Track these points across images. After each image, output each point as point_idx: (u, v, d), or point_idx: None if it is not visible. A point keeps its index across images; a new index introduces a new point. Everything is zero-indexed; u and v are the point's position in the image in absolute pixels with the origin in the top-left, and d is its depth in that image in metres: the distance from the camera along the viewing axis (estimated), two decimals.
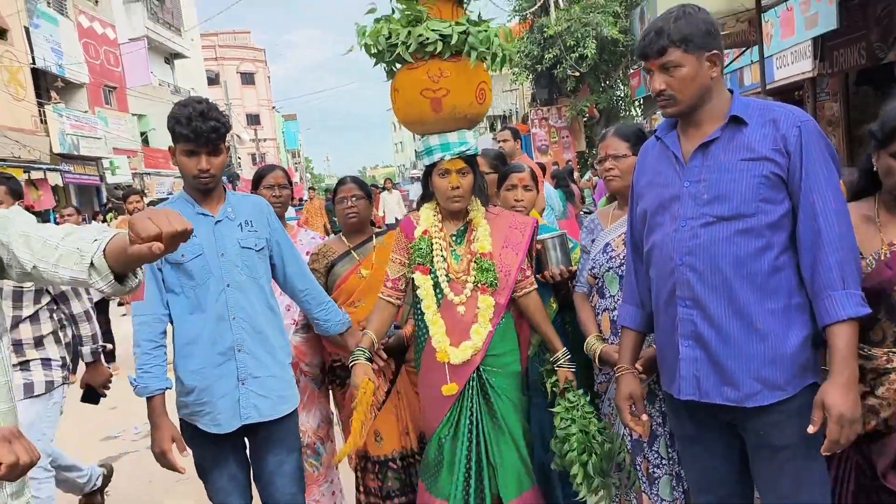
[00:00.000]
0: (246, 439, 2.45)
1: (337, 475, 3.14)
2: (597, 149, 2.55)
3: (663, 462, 2.28)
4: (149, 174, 24.69)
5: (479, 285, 2.37)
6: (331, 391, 3.11)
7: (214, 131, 2.20)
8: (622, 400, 2.03)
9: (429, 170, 2.44)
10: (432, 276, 2.42)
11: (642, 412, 2.03)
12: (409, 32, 2.28)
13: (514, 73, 17.02)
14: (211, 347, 2.27)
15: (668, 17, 1.78)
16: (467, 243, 2.45)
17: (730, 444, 1.89)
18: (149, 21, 26.10)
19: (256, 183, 3.17)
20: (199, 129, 2.18)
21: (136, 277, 1.47)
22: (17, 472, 1.30)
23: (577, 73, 14.53)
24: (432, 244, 2.43)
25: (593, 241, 2.48)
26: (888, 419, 1.78)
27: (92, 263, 1.40)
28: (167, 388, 2.27)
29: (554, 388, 2.45)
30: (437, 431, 2.42)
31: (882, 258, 1.81)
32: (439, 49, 2.27)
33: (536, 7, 15.33)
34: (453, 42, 2.26)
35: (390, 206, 15.08)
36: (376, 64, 2.45)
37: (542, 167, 11.49)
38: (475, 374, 2.40)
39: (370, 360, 2.37)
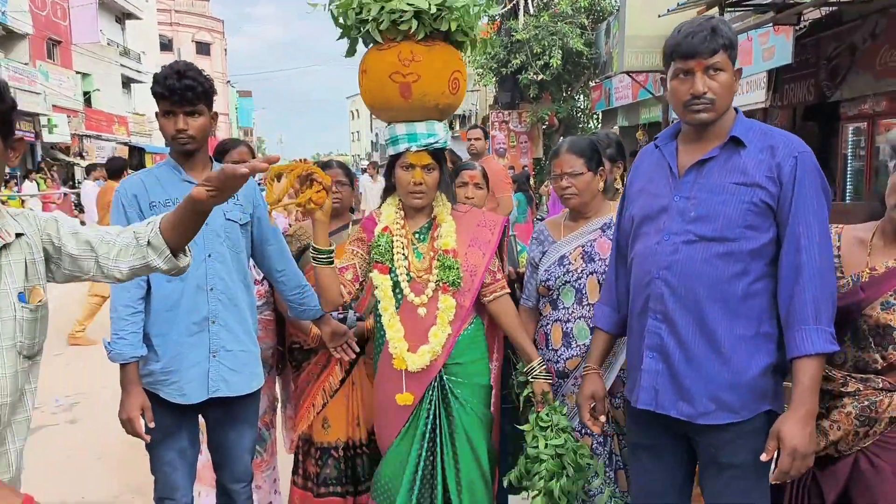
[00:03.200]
0: (201, 416, 2.41)
1: (276, 462, 3.11)
2: (550, 163, 2.43)
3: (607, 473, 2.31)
4: (89, 136, 23.62)
5: (440, 284, 2.22)
6: (278, 376, 3.07)
7: (189, 89, 2.17)
8: (584, 398, 2.07)
9: (392, 161, 2.29)
10: (392, 275, 2.27)
11: (602, 412, 2.07)
12: (382, 7, 2.12)
13: (478, 74, 17.06)
14: (187, 316, 2.26)
15: (714, 20, 1.74)
16: (431, 241, 2.30)
17: (679, 457, 1.92)
18: None
19: (219, 156, 3.07)
20: (173, 86, 2.16)
21: (187, 256, 1.58)
22: None
23: (541, 80, 14.66)
24: (392, 242, 2.28)
25: (544, 252, 2.43)
26: (837, 443, 1.82)
27: (149, 242, 1.52)
28: (142, 354, 2.22)
29: (527, 402, 2.33)
30: (392, 447, 2.29)
31: (860, 280, 1.83)
32: (413, 28, 2.11)
33: (505, 10, 15.39)
34: (431, 11, 2.10)
35: (373, 195, 11.94)
36: (341, 37, 2.28)
37: (524, 173, 11.53)
38: (436, 384, 2.26)
39: (331, 262, 2.17)
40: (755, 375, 1.74)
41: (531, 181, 11.67)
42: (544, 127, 15.96)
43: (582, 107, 16.94)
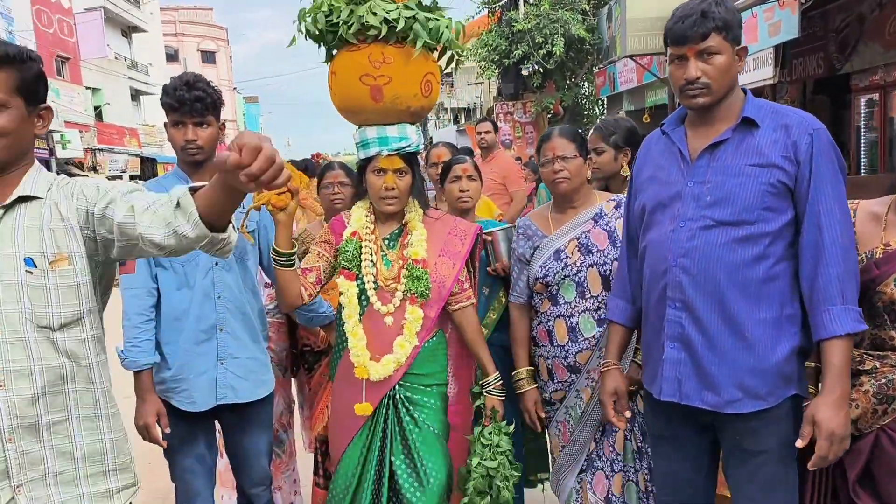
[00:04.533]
0: (217, 421, 2.47)
1: (296, 463, 3.13)
2: (539, 150, 2.41)
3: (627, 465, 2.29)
4: (101, 150, 23.84)
5: (408, 294, 2.17)
6: (293, 378, 3.10)
7: (198, 101, 2.23)
8: (607, 395, 2.02)
9: (363, 165, 2.24)
10: (359, 282, 2.21)
11: (625, 409, 2.03)
12: (352, 12, 2.08)
13: (480, 67, 17.00)
14: (195, 324, 2.30)
15: (707, 1, 1.71)
16: (400, 248, 2.24)
17: (702, 446, 1.90)
18: None
19: None
20: (182, 97, 2.22)
21: (228, 235, 1.43)
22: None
23: (544, 69, 14.59)
24: (361, 247, 2.22)
25: (535, 247, 2.37)
26: (857, 422, 1.79)
27: (178, 204, 1.38)
28: (155, 362, 2.26)
29: (481, 410, 2.30)
30: (345, 455, 2.23)
31: (874, 256, 1.80)
32: (384, 33, 2.07)
33: (505, 1, 15.30)
34: (399, 27, 2.07)
35: None
36: (319, 47, 2.25)
37: (533, 163, 11.39)
38: (391, 394, 2.20)
39: (291, 265, 2.12)
40: (780, 360, 1.72)
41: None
42: (549, 116, 15.88)
43: (587, 93, 16.83)
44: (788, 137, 1.69)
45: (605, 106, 16.44)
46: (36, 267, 1.46)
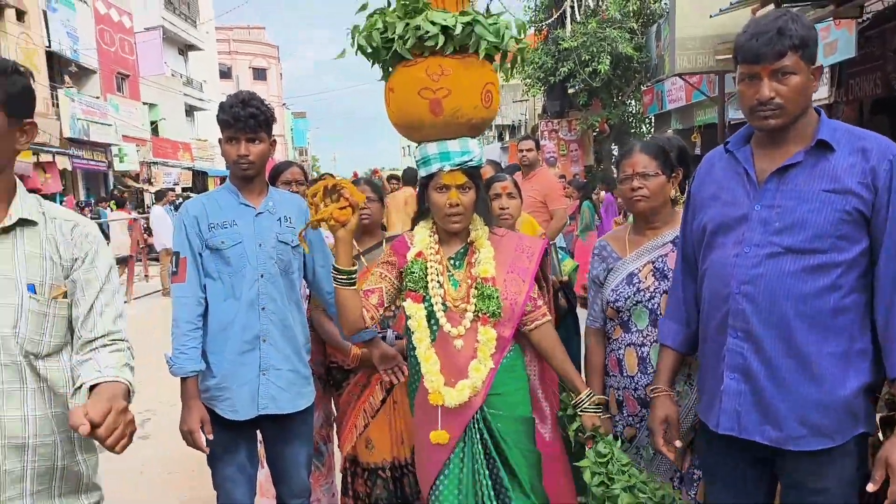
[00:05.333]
0: (259, 431, 2.49)
1: (335, 477, 3.13)
2: (618, 165, 2.26)
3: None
4: (156, 163, 24.70)
5: (479, 315, 2.06)
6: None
7: (252, 118, 2.30)
8: (657, 423, 1.91)
9: (425, 182, 2.15)
10: (426, 304, 2.11)
11: (676, 437, 1.91)
12: (407, 25, 2.01)
13: (525, 84, 17.03)
14: (239, 335, 2.34)
15: (783, 18, 1.61)
16: (467, 267, 2.15)
17: (759, 480, 1.81)
18: (165, 11, 26.19)
19: (273, 178, 3.16)
20: (237, 114, 2.29)
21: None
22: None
23: (590, 87, 14.53)
24: (427, 268, 2.13)
25: (609, 270, 2.25)
26: None
27: (79, 387, 1.45)
28: (201, 369, 2.32)
29: (578, 436, 2.13)
30: (434, 489, 2.13)
31: None
32: (440, 43, 2.00)
33: (552, 20, 15.35)
34: (457, 34, 1.99)
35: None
36: (373, 65, 2.19)
37: (577, 181, 11.27)
38: (478, 418, 2.10)
39: (352, 283, 2.06)
40: (848, 396, 1.62)
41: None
42: (595, 134, 15.78)
43: (634, 112, 16.67)
44: (866, 163, 1.59)
45: (653, 124, 16.26)
46: (38, 294, 1.48)
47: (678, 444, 1.90)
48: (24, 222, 1.50)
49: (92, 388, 1.42)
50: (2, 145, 1.46)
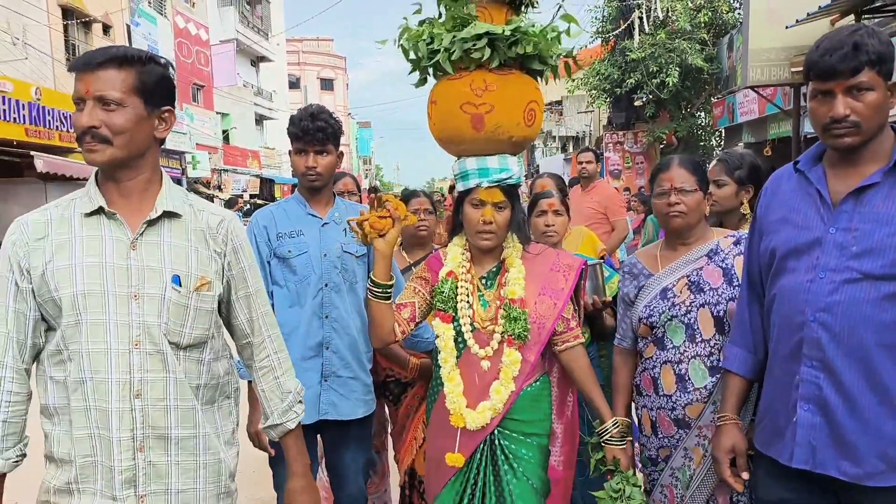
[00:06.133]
0: (319, 436, 2.54)
1: (388, 485, 3.13)
2: (654, 179, 2.22)
3: None
4: (226, 171, 25.60)
5: (506, 337, 2.04)
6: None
7: (321, 130, 2.38)
8: (723, 452, 1.84)
9: (461, 197, 2.13)
10: (455, 324, 2.09)
11: (744, 468, 1.83)
12: (454, 37, 1.99)
13: (591, 95, 16.85)
14: (303, 341, 2.40)
15: (858, 32, 1.55)
16: (498, 287, 2.11)
17: None
18: (239, 25, 27.19)
19: None
20: (307, 127, 2.38)
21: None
22: None
23: (658, 99, 14.25)
24: (457, 288, 2.10)
25: (640, 287, 2.20)
26: None
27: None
28: None
29: (600, 466, 2.11)
30: (438, 500, 2.13)
31: None
32: (486, 56, 1.98)
33: (620, 30, 15.15)
34: (506, 34, 1.96)
35: None
36: (412, 71, 2.17)
37: (643, 194, 11.05)
38: (488, 440, 2.07)
39: (388, 298, 2.04)
40: None
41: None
42: (662, 146, 15.45)
43: (703, 124, 16.25)
44: None
45: (723, 137, 15.80)
46: (181, 286, 1.52)
47: (745, 475, 1.82)
48: (169, 214, 1.55)
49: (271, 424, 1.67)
50: (140, 132, 1.51)
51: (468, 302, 2.11)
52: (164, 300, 1.50)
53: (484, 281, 2.15)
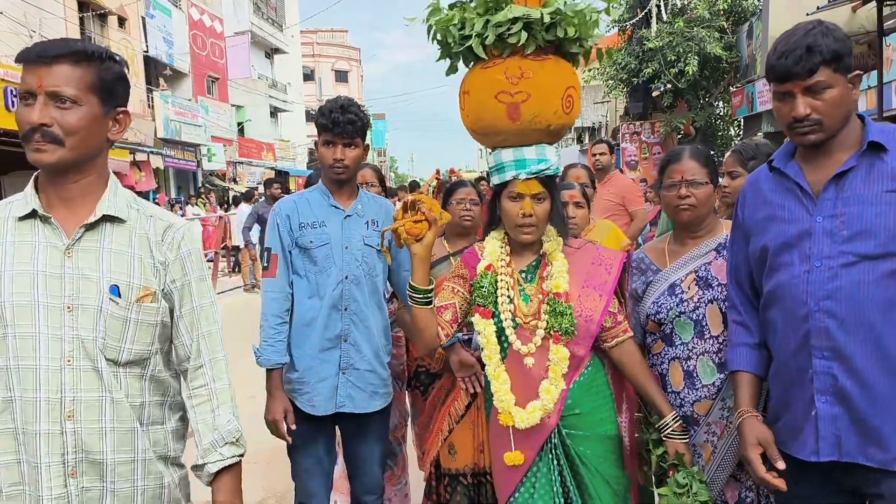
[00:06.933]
0: (337, 427, 2.56)
1: (408, 477, 3.13)
2: (663, 170, 2.17)
3: None
4: (241, 163, 25.71)
5: (551, 332, 1.95)
6: (410, 396, 3.08)
7: (350, 123, 2.37)
8: (751, 448, 1.73)
9: (498, 190, 2.05)
10: (496, 320, 2.02)
11: (778, 458, 1.72)
12: (487, 21, 1.89)
13: (607, 86, 16.68)
14: (322, 332, 2.41)
15: (812, 33, 1.59)
16: (539, 281, 2.03)
17: None
18: (254, 16, 27.22)
19: None
20: (336, 119, 2.36)
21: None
22: None
23: (675, 88, 14.07)
24: (497, 282, 2.03)
25: (648, 282, 2.17)
26: None
27: (201, 465, 1.54)
28: (286, 362, 2.41)
29: (662, 463, 2.01)
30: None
31: None
32: (522, 41, 1.87)
33: (637, 19, 14.96)
34: (544, 20, 1.86)
35: None
36: (441, 58, 2.07)
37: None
38: (556, 440, 2.00)
39: (429, 303, 1.99)
40: None
41: None
42: (680, 136, 15.27)
43: (721, 114, 16.04)
44: None
45: (742, 127, 15.59)
46: (121, 297, 1.39)
47: (781, 465, 1.71)
48: (111, 219, 1.44)
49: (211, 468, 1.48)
50: (94, 133, 1.41)
51: (509, 297, 2.02)
52: (101, 312, 1.38)
53: (524, 275, 2.07)
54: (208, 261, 13.81)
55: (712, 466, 2.04)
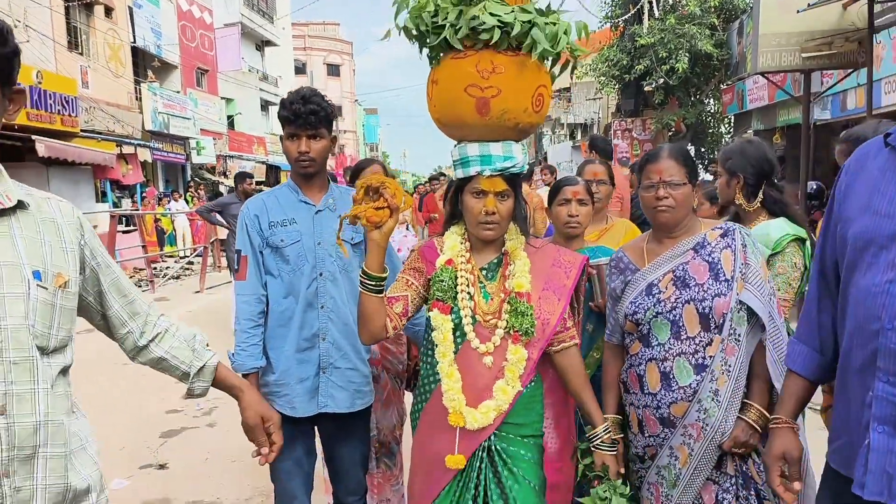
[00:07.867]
0: (316, 428, 2.50)
1: (405, 476, 3.11)
2: (641, 170, 2.12)
3: None
4: (231, 157, 25.53)
5: (511, 332, 1.92)
6: (409, 389, 3.06)
7: (313, 114, 2.29)
8: (774, 459, 1.64)
9: (460, 184, 2.01)
10: (454, 316, 1.97)
11: (797, 478, 1.63)
12: (461, 12, 1.85)
13: (599, 82, 16.68)
14: (298, 332, 2.36)
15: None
16: (501, 279, 2.01)
17: None
18: (244, 7, 26.99)
19: (354, 176, 3.18)
20: (298, 110, 2.28)
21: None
22: None
23: (667, 85, 14.08)
24: (457, 277, 1.99)
25: (626, 282, 2.14)
26: None
27: (202, 368, 1.70)
28: (262, 366, 2.36)
29: (588, 472, 2.03)
30: None
31: None
32: (496, 38, 1.84)
33: (629, 15, 14.94)
34: (514, 33, 1.83)
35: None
36: (421, 50, 2.02)
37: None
38: (485, 445, 1.96)
39: (380, 291, 1.93)
40: None
41: None
42: (671, 133, 15.30)
43: (712, 111, 16.08)
44: None
45: (733, 124, 15.63)
46: (43, 281, 1.33)
47: (798, 486, 1.62)
48: (20, 205, 1.36)
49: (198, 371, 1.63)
50: None
51: (469, 293, 1.99)
52: (30, 299, 1.30)
53: (485, 272, 2.05)
54: (197, 255, 13.74)
55: (689, 469, 2.01)
